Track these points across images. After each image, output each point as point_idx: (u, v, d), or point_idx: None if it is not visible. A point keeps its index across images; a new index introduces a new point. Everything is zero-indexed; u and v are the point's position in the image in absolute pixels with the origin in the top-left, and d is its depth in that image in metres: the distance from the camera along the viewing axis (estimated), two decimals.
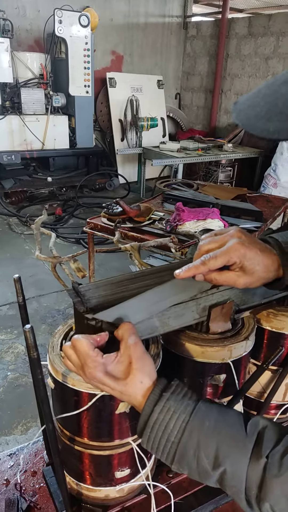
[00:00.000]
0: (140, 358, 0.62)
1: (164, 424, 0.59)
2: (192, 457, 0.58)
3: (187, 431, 0.58)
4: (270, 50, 6.05)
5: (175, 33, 7.35)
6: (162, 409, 0.59)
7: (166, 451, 0.59)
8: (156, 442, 0.59)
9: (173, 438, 0.58)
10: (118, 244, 1.22)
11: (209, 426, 0.58)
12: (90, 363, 0.62)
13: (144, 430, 0.60)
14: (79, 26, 5.32)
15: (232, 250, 0.69)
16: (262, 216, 2.29)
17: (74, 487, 0.90)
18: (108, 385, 0.62)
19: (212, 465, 0.57)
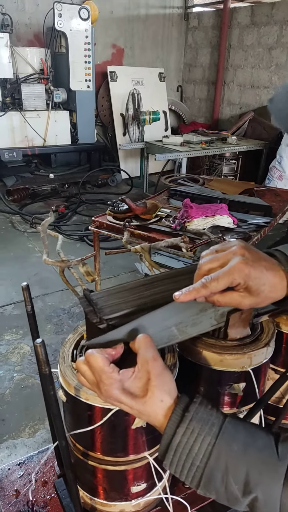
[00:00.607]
0: (160, 375, 0.58)
1: (188, 447, 0.54)
2: (220, 482, 0.53)
3: (214, 454, 0.53)
4: (274, 39, 5.94)
5: (176, 25, 7.24)
6: (185, 431, 0.54)
7: (191, 475, 0.54)
8: (180, 465, 0.55)
9: (198, 462, 0.54)
10: (127, 245, 1.18)
11: (237, 449, 0.53)
12: (105, 379, 0.57)
13: (167, 453, 0.56)
14: (79, 20, 5.23)
15: (235, 270, 0.63)
16: (271, 211, 2.23)
17: (87, 502, 0.86)
18: (125, 403, 0.58)
19: (242, 492, 0.52)
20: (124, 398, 0.57)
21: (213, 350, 0.81)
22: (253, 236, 1.92)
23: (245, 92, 6.56)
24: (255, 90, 6.39)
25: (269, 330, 0.87)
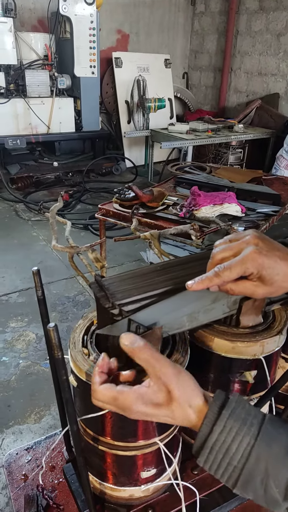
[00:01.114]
0: (177, 382, 0.56)
1: (226, 446, 0.52)
2: (259, 485, 0.51)
3: (253, 456, 0.51)
4: (282, 25, 5.82)
5: (182, 10, 7.10)
6: (222, 429, 0.53)
7: (227, 475, 0.53)
8: (215, 464, 0.53)
9: (236, 462, 0.52)
10: (136, 232, 1.16)
11: (279, 451, 0.51)
12: (124, 402, 0.57)
13: (202, 450, 0.54)
14: (84, 4, 5.13)
15: (248, 259, 0.62)
16: (280, 200, 2.20)
17: (97, 486, 0.86)
18: (153, 415, 0.57)
19: (284, 496, 0.50)
20: (151, 411, 0.57)
21: (225, 337, 0.80)
22: (262, 225, 1.90)
23: (252, 80, 6.45)
24: (262, 77, 6.28)
25: (282, 318, 0.86)
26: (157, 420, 0.58)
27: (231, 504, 1.00)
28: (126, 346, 0.58)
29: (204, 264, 0.82)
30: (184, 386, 0.57)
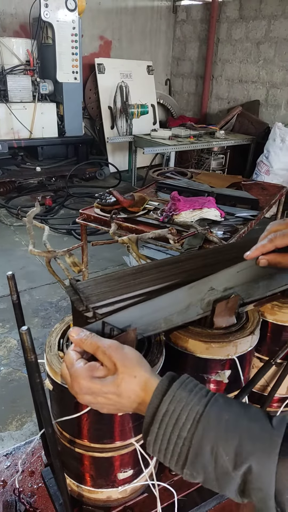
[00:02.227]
0: (121, 355, 0.57)
1: (175, 416, 0.50)
2: (208, 456, 0.48)
3: (202, 423, 0.49)
4: (262, 34, 5.96)
5: (164, 18, 7.19)
6: (172, 399, 0.51)
7: (177, 451, 0.50)
8: (165, 440, 0.51)
9: (185, 433, 0.49)
10: (115, 236, 1.18)
11: (228, 419, 0.49)
12: (73, 372, 0.56)
13: (152, 426, 0.52)
14: (66, 10, 5.15)
15: None
16: (258, 204, 2.25)
17: (74, 489, 0.87)
18: (99, 391, 0.55)
19: (234, 463, 0.47)
20: (96, 385, 0.55)
21: (199, 338, 0.82)
22: (240, 229, 1.94)
23: (233, 87, 6.57)
24: (243, 84, 6.41)
25: (254, 319, 0.88)
26: (103, 401, 0.56)
27: (209, 504, 1.02)
28: (73, 338, 0.59)
29: (179, 267, 0.84)
30: (128, 358, 0.57)
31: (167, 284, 0.77)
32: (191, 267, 0.82)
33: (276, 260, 0.73)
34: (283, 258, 0.73)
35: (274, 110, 6.03)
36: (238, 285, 0.81)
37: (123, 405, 0.57)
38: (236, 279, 0.80)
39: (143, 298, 0.73)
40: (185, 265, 0.83)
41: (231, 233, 1.87)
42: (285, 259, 0.73)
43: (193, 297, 0.76)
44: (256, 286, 0.86)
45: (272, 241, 0.71)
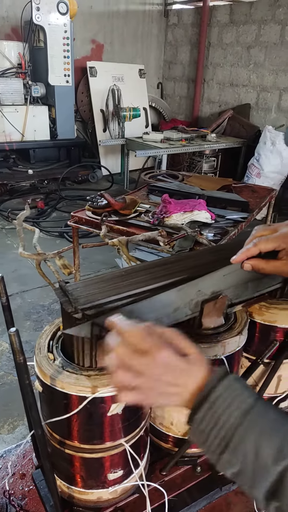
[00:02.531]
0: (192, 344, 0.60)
1: (228, 402, 0.53)
2: (252, 445, 0.50)
3: (251, 415, 0.52)
4: (252, 38, 6.02)
5: (156, 21, 7.23)
6: (228, 386, 0.54)
7: (222, 434, 0.52)
8: (212, 420, 0.53)
9: (234, 419, 0.52)
10: (105, 238, 1.19)
11: (275, 418, 0.53)
12: (157, 342, 0.57)
13: (202, 405, 0.54)
14: (57, 14, 5.16)
15: (284, 236, 0.74)
16: (248, 207, 2.28)
17: (65, 491, 0.87)
18: (175, 364, 0.56)
19: (274, 458, 0.49)
20: (176, 358, 0.56)
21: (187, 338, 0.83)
22: (231, 231, 1.96)
23: (224, 90, 6.63)
24: (234, 88, 6.46)
25: (242, 319, 0.89)
26: (171, 372, 0.56)
27: (199, 504, 1.02)
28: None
29: (168, 269, 0.85)
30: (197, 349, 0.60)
31: (155, 286, 0.78)
32: (179, 269, 0.83)
33: (260, 266, 0.75)
34: (267, 264, 0.75)
35: (264, 114, 6.09)
36: (226, 288, 0.83)
37: (178, 383, 0.56)
38: (223, 282, 0.81)
39: (132, 300, 0.74)
40: (174, 267, 0.84)
41: (221, 235, 1.89)
42: (268, 265, 0.75)
43: (181, 300, 0.77)
44: (243, 288, 0.87)
45: (257, 245, 0.74)
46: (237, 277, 0.83)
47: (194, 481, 1.03)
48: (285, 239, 0.74)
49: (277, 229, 0.76)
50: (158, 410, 0.97)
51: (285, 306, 0.93)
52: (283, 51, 5.65)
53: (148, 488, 0.93)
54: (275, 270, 0.76)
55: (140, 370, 0.56)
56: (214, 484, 1.03)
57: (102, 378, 0.72)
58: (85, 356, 0.72)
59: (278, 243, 0.74)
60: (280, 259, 0.75)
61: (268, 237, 0.75)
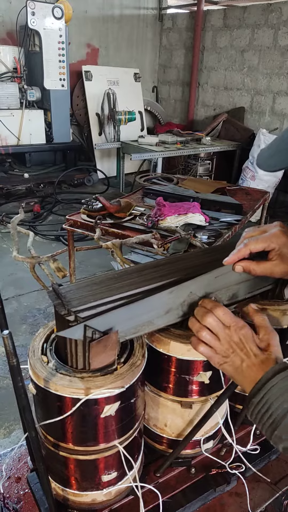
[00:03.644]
0: (277, 345, 0.70)
1: (282, 390, 0.62)
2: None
3: None
4: (246, 42, 6.07)
5: (150, 26, 7.28)
6: (284, 377, 0.63)
7: (274, 415, 0.61)
8: (267, 404, 0.62)
9: (285, 404, 0.60)
10: (99, 241, 1.19)
11: None
12: (246, 331, 0.70)
13: (260, 390, 0.63)
14: (52, 18, 5.19)
15: (273, 236, 0.75)
16: (242, 209, 2.30)
17: (60, 493, 0.87)
18: (251, 350, 0.69)
19: None
20: (253, 347, 0.69)
21: (180, 340, 0.84)
22: (224, 234, 1.97)
23: (218, 94, 6.67)
24: (228, 92, 6.51)
25: None
26: (242, 349, 0.69)
27: (194, 505, 1.03)
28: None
29: (160, 271, 0.86)
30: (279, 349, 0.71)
31: (147, 288, 0.79)
32: (171, 271, 0.84)
33: (250, 267, 0.77)
34: (258, 265, 0.77)
35: (258, 117, 6.13)
36: (217, 290, 0.84)
37: (243, 360, 0.69)
38: (215, 284, 0.82)
39: (124, 302, 0.75)
40: (165, 269, 0.85)
41: (215, 237, 1.90)
42: (259, 266, 0.77)
43: (173, 302, 0.78)
44: (235, 289, 0.88)
45: (247, 246, 0.75)
46: (228, 278, 0.84)
47: (189, 482, 1.03)
48: (274, 239, 0.75)
49: (266, 230, 0.78)
50: (152, 412, 0.97)
51: (277, 307, 0.94)
52: (276, 55, 5.70)
53: (143, 490, 0.94)
54: (265, 271, 0.77)
55: (220, 337, 0.70)
56: (208, 485, 1.03)
57: (95, 380, 0.72)
58: (78, 358, 0.73)
59: (268, 243, 0.76)
60: (270, 260, 0.77)
61: (258, 238, 0.76)
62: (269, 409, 0.62)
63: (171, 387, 0.91)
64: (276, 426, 0.61)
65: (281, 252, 0.76)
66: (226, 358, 0.70)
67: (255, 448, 1.09)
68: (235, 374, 0.70)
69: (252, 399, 0.64)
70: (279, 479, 1.09)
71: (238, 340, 0.69)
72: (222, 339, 0.70)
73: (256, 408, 0.64)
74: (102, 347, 0.71)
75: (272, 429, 0.62)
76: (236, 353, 0.69)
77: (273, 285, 0.93)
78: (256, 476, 1.07)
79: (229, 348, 0.69)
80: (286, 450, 0.62)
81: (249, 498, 1.03)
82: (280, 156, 0.63)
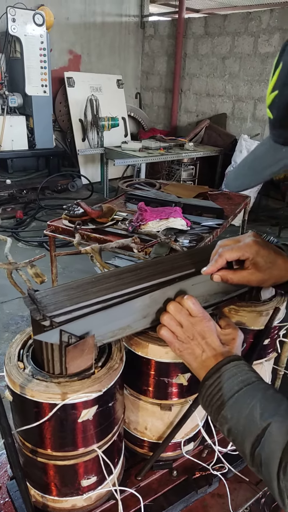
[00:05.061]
0: (239, 344, 0.75)
1: (233, 374, 0.66)
2: (246, 405, 0.62)
3: (252, 386, 0.64)
4: (227, 50, 6.18)
5: (133, 33, 7.35)
6: (237, 365, 0.68)
7: (223, 397, 0.65)
8: (218, 386, 0.66)
9: (235, 386, 0.65)
10: (79, 247, 1.20)
11: (272, 393, 0.64)
12: (206, 322, 0.74)
13: (213, 374, 0.68)
14: (33, 25, 5.19)
15: (247, 246, 0.78)
16: (223, 213, 2.33)
17: (39, 500, 0.86)
18: (210, 343, 0.72)
19: (260, 415, 0.60)
20: (214, 340, 0.73)
21: (158, 343, 0.85)
22: (206, 237, 1.99)
23: (201, 100, 6.76)
24: (210, 98, 6.60)
25: None
26: (203, 340, 0.73)
27: (176, 508, 1.03)
28: None
29: (138, 274, 0.87)
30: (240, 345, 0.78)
31: (125, 292, 0.79)
32: (149, 274, 0.85)
33: (227, 276, 0.80)
34: (234, 274, 0.80)
35: (240, 123, 6.24)
36: (196, 296, 0.85)
37: (204, 350, 0.72)
38: (192, 291, 0.83)
39: (101, 306, 0.75)
40: (143, 272, 0.86)
41: (197, 241, 1.92)
42: (236, 275, 0.80)
43: (150, 307, 0.79)
44: (213, 291, 0.89)
45: (222, 256, 0.78)
46: (205, 287, 0.85)
47: (170, 485, 1.03)
48: (247, 249, 0.78)
49: (240, 240, 0.81)
50: (132, 415, 0.97)
51: (253, 309, 0.95)
52: (257, 62, 5.82)
53: (124, 494, 0.93)
54: (242, 280, 0.80)
55: (183, 324, 0.73)
56: (190, 488, 1.04)
57: (72, 385, 0.72)
58: (55, 363, 0.73)
59: (242, 252, 0.78)
60: (246, 269, 0.80)
61: (232, 247, 0.79)
62: (220, 391, 0.65)
63: (151, 390, 0.92)
64: (224, 406, 0.64)
65: (256, 261, 0.78)
66: (185, 345, 0.73)
67: (235, 449, 1.09)
68: (193, 363, 0.73)
69: (206, 381, 0.68)
70: (260, 480, 1.10)
71: (201, 330, 0.72)
72: (185, 326, 0.73)
73: (208, 390, 0.67)
74: (79, 352, 0.71)
75: (220, 409, 0.65)
76: (197, 341, 0.72)
77: (250, 287, 0.95)
78: (237, 477, 1.08)
79: (190, 336, 0.72)
80: (230, 432, 0.64)
81: (230, 499, 1.03)
82: (243, 180, 0.66)
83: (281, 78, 0.57)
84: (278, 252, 0.81)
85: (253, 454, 0.61)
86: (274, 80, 0.58)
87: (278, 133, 0.61)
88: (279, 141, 0.61)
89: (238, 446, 0.65)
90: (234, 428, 0.63)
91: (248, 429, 0.61)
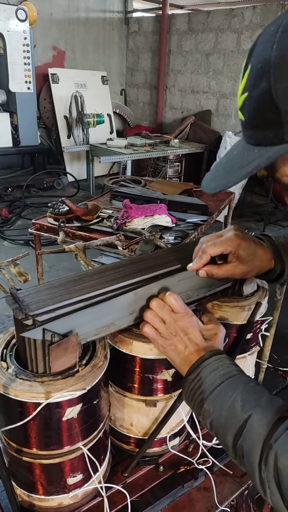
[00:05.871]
0: (222, 339, 0.76)
1: (215, 368, 0.67)
2: (228, 398, 0.63)
3: (234, 379, 0.66)
4: (210, 46, 6.20)
5: (117, 29, 7.31)
6: (219, 359, 0.69)
7: (206, 391, 0.66)
8: (200, 381, 0.67)
9: (217, 379, 0.66)
10: (63, 245, 1.19)
11: (253, 385, 0.65)
12: (187, 318, 0.75)
13: (195, 369, 0.69)
14: (16, 21, 5.12)
15: (229, 240, 0.80)
16: (208, 210, 2.34)
17: (25, 499, 0.86)
18: (192, 338, 0.73)
19: (241, 407, 0.61)
20: (197, 335, 0.74)
21: (142, 339, 0.85)
22: (191, 234, 2.00)
23: (186, 97, 6.77)
24: (195, 95, 6.62)
25: None
26: (186, 335, 0.73)
27: (163, 503, 1.04)
28: None
29: (121, 272, 0.87)
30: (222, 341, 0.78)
31: (108, 289, 0.79)
32: (132, 271, 0.85)
33: (212, 271, 0.81)
34: (218, 269, 0.81)
35: (225, 120, 6.27)
36: (180, 292, 0.85)
37: (187, 346, 0.73)
38: (178, 287, 0.84)
39: (84, 305, 0.75)
40: (126, 270, 0.86)
41: (182, 238, 1.93)
42: (220, 270, 0.81)
43: (135, 304, 0.79)
44: (196, 287, 0.90)
45: (206, 252, 0.80)
46: (190, 282, 0.86)
47: (157, 480, 1.04)
48: (229, 242, 0.80)
49: (222, 234, 0.83)
50: (118, 412, 0.98)
51: (236, 304, 0.97)
52: (240, 59, 5.85)
53: (111, 491, 0.94)
54: (226, 274, 0.82)
55: (166, 320, 0.74)
56: (177, 482, 1.05)
57: (56, 383, 0.72)
58: (38, 362, 0.73)
59: (225, 246, 0.80)
60: (229, 263, 0.82)
61: (215, 242, 0.80)
62: (202, 385, 0.66)
63: (136, 387, 0.92)
64: (206, 400, 0.65)
65: (238, 254, 0.80)
66: (168, 341, 0.74)
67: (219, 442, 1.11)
68: (176, 359, 0.74)
69: (188, 376, 0.69)
70: (245, 473, 1.12)
71: (184, 326, 0.73)
72: (167, 322, 0.74)
73: (191, 385, 0.68)
74: (63, 350, 0.71)
75: (202, 403, 0.66)
76: (179, 337, 0.73)
77: (232, 282, 0.96)
78: (222, 471, 1.10)
79: (172, 332, 0.73)
80: (212, 425, 0.65)
81: (216, 492, 1.05)
82: (217, 181, 0.67)
83: (250, 80, 0.58)
84: (258, 243, 0.84)
85: (235, 446, 0.62)
86: (244, 82, 0.59)
87: (250, 134, 0.62)
88: (251, 142, 0.62)
89: (220, 439, 0.65)
90: (216, 421, 0.64)
91: (229, 421, 0.62)
